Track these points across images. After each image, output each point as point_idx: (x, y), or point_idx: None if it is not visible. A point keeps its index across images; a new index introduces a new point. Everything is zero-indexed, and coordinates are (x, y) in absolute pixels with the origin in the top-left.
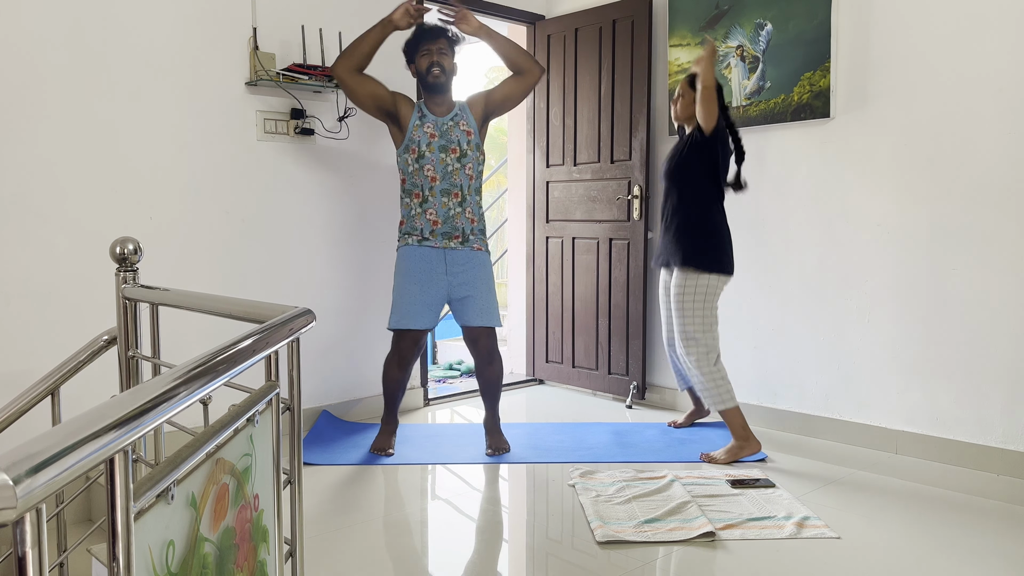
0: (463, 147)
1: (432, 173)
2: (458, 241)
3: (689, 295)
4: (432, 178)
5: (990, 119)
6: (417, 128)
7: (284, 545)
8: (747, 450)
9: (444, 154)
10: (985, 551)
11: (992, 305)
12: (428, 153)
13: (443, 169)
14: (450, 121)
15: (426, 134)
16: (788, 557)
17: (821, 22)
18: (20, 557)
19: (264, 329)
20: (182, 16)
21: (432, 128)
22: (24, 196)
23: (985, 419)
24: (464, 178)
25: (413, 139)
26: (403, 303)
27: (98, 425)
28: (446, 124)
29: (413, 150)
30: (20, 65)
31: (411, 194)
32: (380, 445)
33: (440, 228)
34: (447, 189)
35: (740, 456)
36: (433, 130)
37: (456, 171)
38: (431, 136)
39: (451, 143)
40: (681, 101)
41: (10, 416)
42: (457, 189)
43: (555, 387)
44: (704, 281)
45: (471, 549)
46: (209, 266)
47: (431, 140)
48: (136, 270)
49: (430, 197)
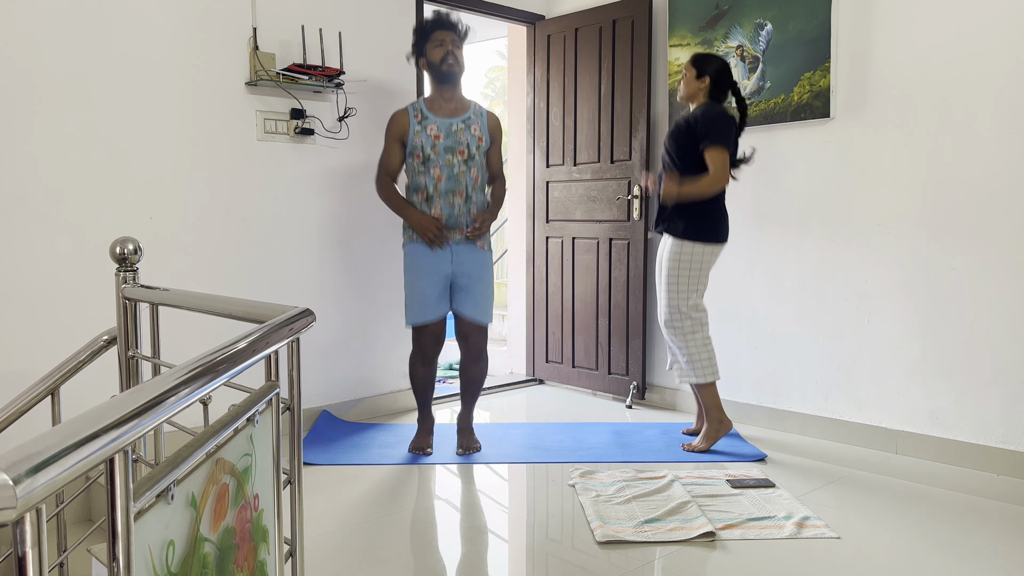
0: (471, 150)
1: (438, 174)
2: (462, 236)
3: (685, 264)
4: (438, 178)
5: (990, 119)
6: (418, 133)
7: (284, 545)
8: (722, 431)
9: (450, 155)
10: (985, 551)
11: (992, 305)
12: (433, 155)
13: (449, 171)
14: (461, 123)
15: (429, 136)
16: (788, 557)
17: (821, 22)
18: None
19: (264, 329)
20: (182, 16)
21: (436, 129)
22: (24, 196)
23: (985, 419)
24: (470, 180)
25: (415, 145)
26: (416, 298)
27: (98, 425)
28: (455, 125)
29: (417, 155)
30: (20, 65)
31: (417, 192)
32: (419, 444)
33: (445, 223)
34: (452, 188)
35: (717, 437)
36: (437, 131)
37: (462, 172)
38: (435, 137)
39: (459, 144)
40: (684, 79)
41: (10, 416)
42: (462, 188)
43: (555, 387)
44: (699, 250)
45: (471, 549)
46: (209, 266)
47: (435, 142)
48: (136, 270)
49: (435, 196)
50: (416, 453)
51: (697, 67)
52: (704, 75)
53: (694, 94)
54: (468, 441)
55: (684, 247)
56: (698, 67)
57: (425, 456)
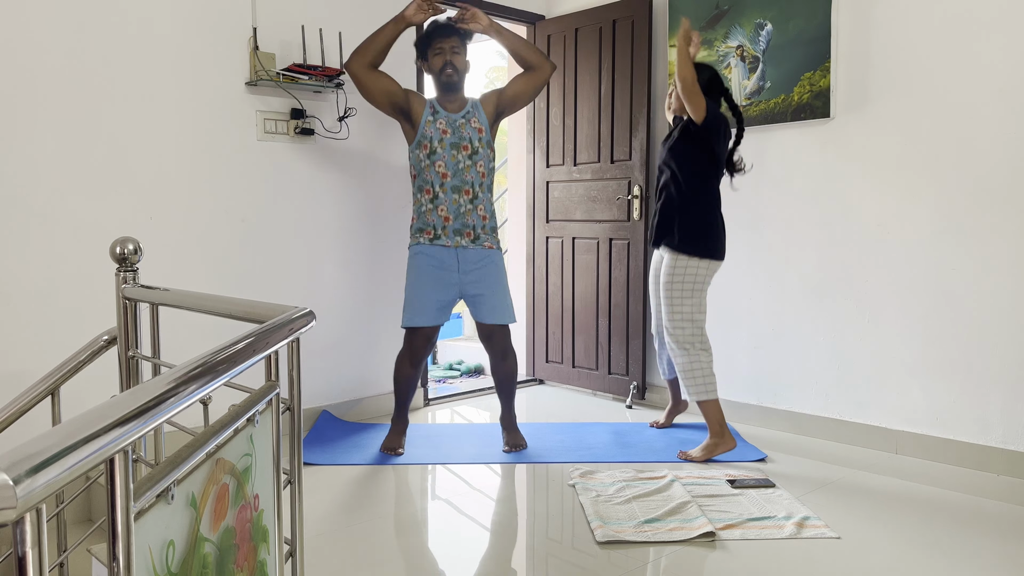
0: (474, 144)
1: (443, 169)
2: (470, 239)
3: (679, 280)
4: (443, 174)
5: (990, 119)
6: (429, 124)
7: (284, 545)
8: (721, 447)
9: (455, 151)
10: (985, 551)
11: (992, 305)
12: (440, 149)
13: (454, 166)
14: (462, 118)
15: (438, 130)
16: (788, 557)
17: (821, 22)
18: (20, 557)
19: (264, 329)
20: (182, 16)
21: (444, 124)
22: (24, 196)
23: (985, 419)
24: (475, 175)
25: (425, 135)
26: (416, 301)
27: (98, 425)
28: (458, 121)
29: (425, 146)
30: (20, 65)
31: (423, 190)
32: (390, 444)
33: (452, 224)
34: (458, 186)
35: (715, 453)
36: (445, 126)
37: (467, 168)
38: (443, 132)
39: (463, 140)
40: (674, 92)
41: (10, 416)
42: (468, 186)
43: (555, 387)
44: (695, 265)
45: (471, 549)
46: (209, 266)
47: (443, 136)
48: (136, 270)
49: (441, 193)
50: (387, 453)
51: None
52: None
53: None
54: (515, 439)
55: (679, 260)
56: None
57: (396, 456)
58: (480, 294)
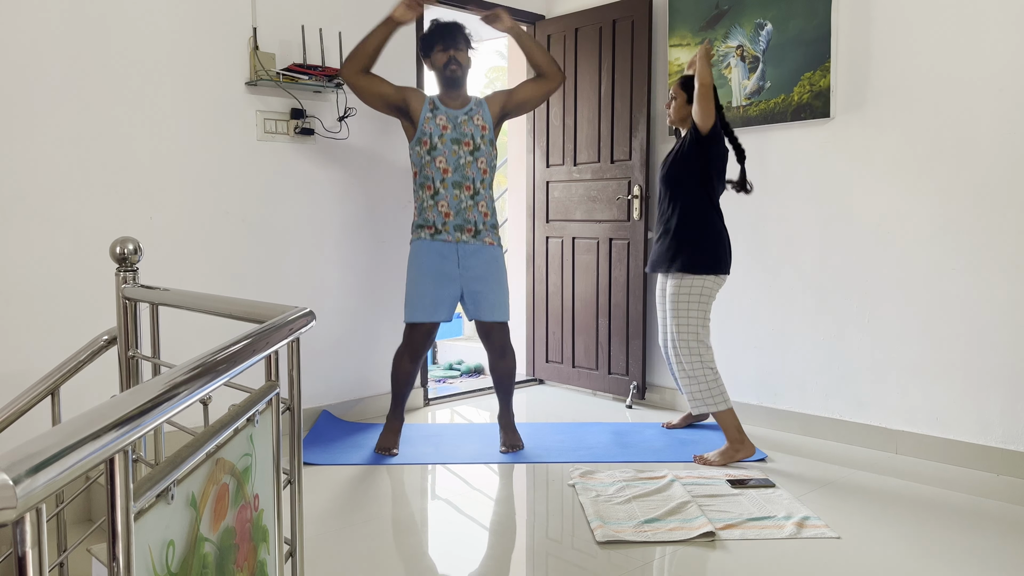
0: (476, 141)
1: (444, 165)
2: (470, 234)
3: (684, 297)
4: (444, 170)
5: (990, 119)
6: (428, 120)
7: (284, 545)
8: (741, 453)
9: (456, 146)
10: (985, 551)
11: (992, 305)
12: (440, 145)
13: (455, 161)
14: (464, 115)
15: (438, 126)
16: (788, 557)
17: (821, 22)
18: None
19: (264, 329)
20: (182, 16)
21: (444, 120)
22: (24, 196)
23: (985, 419)
24: (477, 172)
25: (424, 131)
26: (417, 296)
27: (98, 425)
28: (460, 117)
29: (425, 142)
30: (20, 65)
31: (423, 187)
32: (385, 445)
33: (452, 220)
34: (459, 182)
35: (734, 459)
36: (445, 122)
37: (468, 164)
38: (443, 128)
39: (464, 136)
40: (674, 104)
41: (10, 416)
42: (469, 182)
43: (555, 387)
44: (699, 283)
45: (471, 549)
46: (209, 266)
47: (443, 132)
48: (136, 270)
49: (442, 189)
50: (382, 454)
51: (687, 91)
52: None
53: (685, 118)
54: (512, 439)
55: (685, 279)
56: (687, 91)
57: (391, 457)
58: (480, 290)
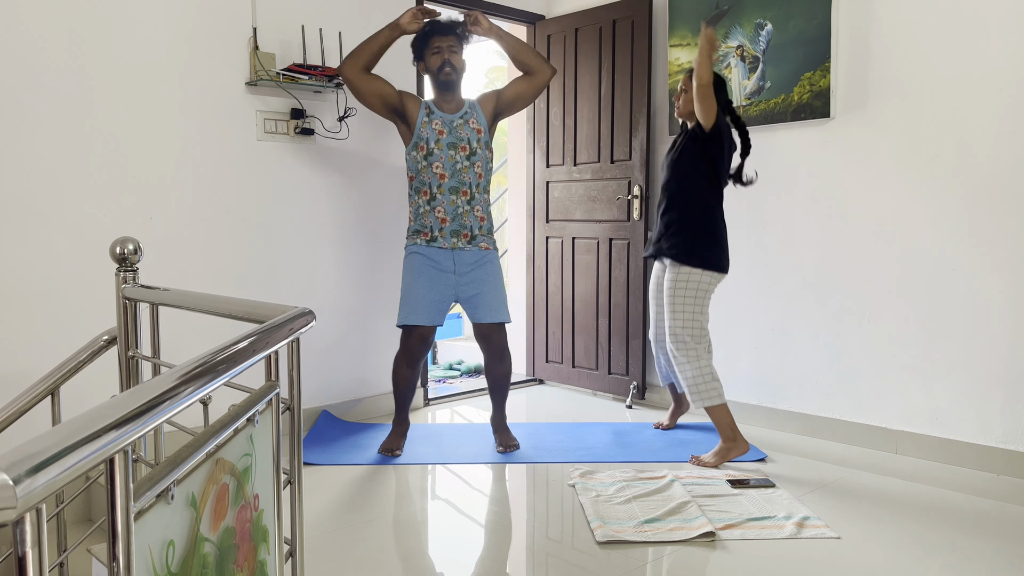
0: (472, 145)
1: (441, 170)
2: (466, 240)
3: (681, 291)
4: (440, 175)
5: (990, 119)
6: (425, 125)
7: (284, 545)
8: (735, 451)
9: (453, 151)
10: (985, 551)
11: (992, 305)
12: (436, 150)
13: (452, 166)
14: (459, 119)
15: (434, 131)
16: (788, 557)
17: (821, 22)
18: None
19: (264, 329)
20: (182, 16)
21: (440, 125)
22: (24, 196)
23: (985, 419)
24: (473, 176)
25: (421, 136)
26: (412, 300)
27: (98, 425)
28: (455, 121)
29: (421, 147)
30: (20, 65)
31: (419, 192)
32: (389, 446)
33: (449, 226)
34: (455, 187)
35: (729, 458)
36: (441, 127)
37: (465, 169)
38: (439, 133)
39: (460, 140)
40: (683, 96)
41: (10, 416)
42: (466, 187)
43: (555, 387)
44: (696, 277)
45: (471, 549)
46: (209, 266)
47: (439, 137)
48: (136, 270)
49: (438, 195)
50: (385, 455)
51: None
52: None
53: (692, 112)
54: (506, 440)
55: (682, 271)
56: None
57: (394, 458)
58: (477, 294)
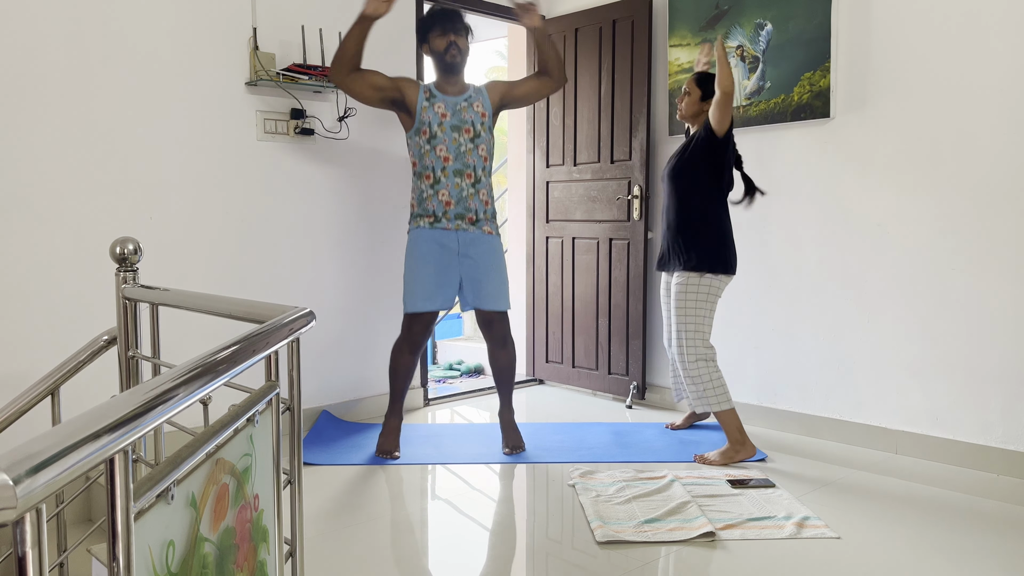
0: (477, 128)
1: (444, 153)
2: (470, 222)
3: (692, 296)
4: (445, 158)
5: (990, 119)
6: (426, 109)
7: (284, 545)
8: (742, 454)
9: (457, 133)
10: (985, 551)
11: (992, 305)
12: (440, 133)
13: (456, 149)
14: (464, 101)
15: (436, 114)
16: (788, 557)
17: (821, 22)
18: (20, 557)
19: (264, 329)
20: (182, 16)
21: (443, 107)
22: (24, 196)
23: (985, 419)
24: (478, 159)
25: (423, 120)
26: (417, 285)
27: (98, 425)
28: (459, 104)
29: (424, 131)
30: (20, 65)
31: (423, 176)
32: (386, 448)
33: (453, 209)
34: (460, 169)
35: (735, 460)
36: (444, 109)
37: (469, 151)
38: (442, 116)
39: (464, 123)
40: (687, 99)
41: (10, 416)
42: (470, 170)
43: (555, 387)
44: (706, 282)
45: (471, 549)
46: (209, 266)
47: (442, 120)
48: (136, 270)
49: (443, 178)
50: (383, 457)
51: (702, 88)
52: (708, 98)
53: (696, 115)
54: (514, 440)
55: (692, 278)
56: (703, 88)
57: (393, 460)
58: (480, 279)
